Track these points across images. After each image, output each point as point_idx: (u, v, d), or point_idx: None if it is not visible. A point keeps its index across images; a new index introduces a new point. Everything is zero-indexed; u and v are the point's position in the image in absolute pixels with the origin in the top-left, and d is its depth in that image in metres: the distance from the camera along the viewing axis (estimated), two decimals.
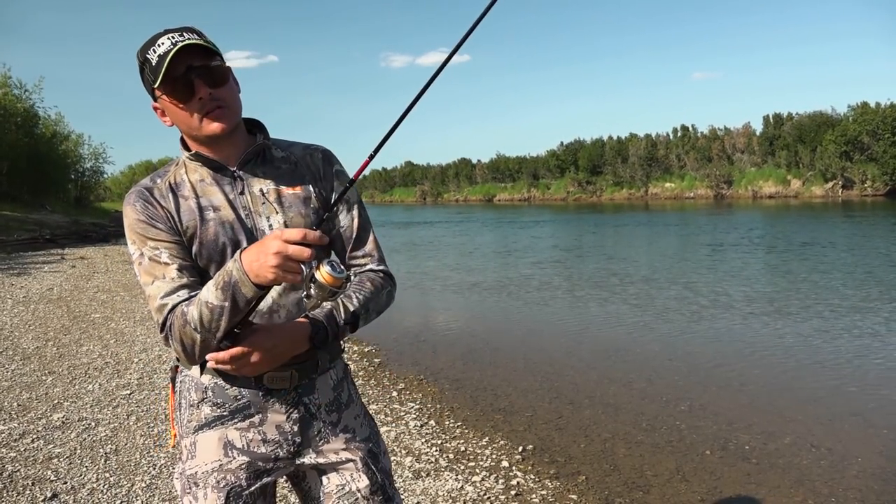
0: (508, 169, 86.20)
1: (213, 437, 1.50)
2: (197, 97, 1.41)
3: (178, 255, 1.43)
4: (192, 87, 1.40)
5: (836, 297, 9.67)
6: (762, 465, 4.08)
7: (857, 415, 4.96)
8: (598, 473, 4.01)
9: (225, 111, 1.44)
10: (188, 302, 1.37)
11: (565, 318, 9.06)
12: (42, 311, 9.36)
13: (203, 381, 1.52)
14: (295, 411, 1.53)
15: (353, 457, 1.58)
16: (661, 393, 5.55)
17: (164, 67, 1.36)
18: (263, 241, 1.28)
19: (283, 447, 1.53)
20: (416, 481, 3.76)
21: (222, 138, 1.46)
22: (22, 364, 6.36)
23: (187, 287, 1.40)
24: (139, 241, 1.43)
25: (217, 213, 1.47)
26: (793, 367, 6.29)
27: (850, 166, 52.95)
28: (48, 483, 3.65)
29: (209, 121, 1.43)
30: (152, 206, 1.45)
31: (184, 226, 1.46)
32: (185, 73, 1.39)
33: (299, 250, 1.24)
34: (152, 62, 1.39)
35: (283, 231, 1.26)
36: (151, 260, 1.41)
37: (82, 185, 42.93)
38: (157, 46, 1.39)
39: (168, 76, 1.38)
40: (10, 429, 4.53)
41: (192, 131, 1.45)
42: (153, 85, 1.41)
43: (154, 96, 1.46)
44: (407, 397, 5.53)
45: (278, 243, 1.24)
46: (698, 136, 69.69)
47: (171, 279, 1.40)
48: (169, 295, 1.39)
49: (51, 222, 26.57)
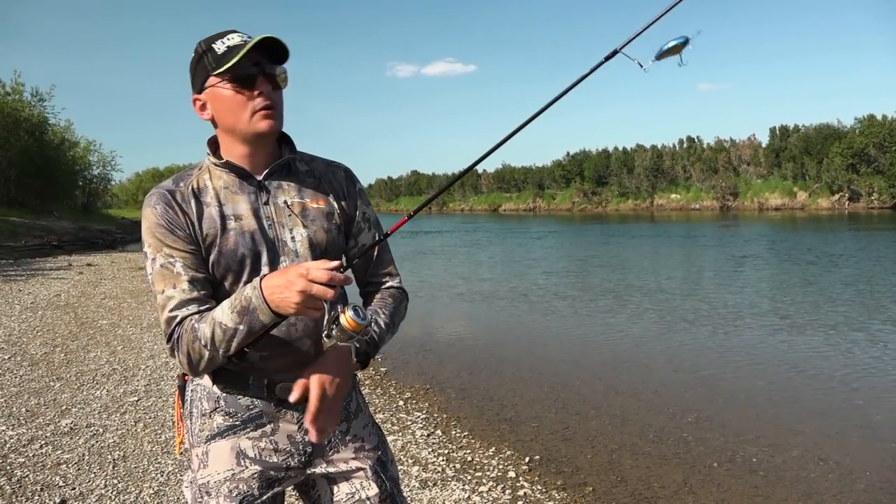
0: (514, 179, 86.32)
1: (226, 446, 1.51)
2: (257, 92, 1.43)
3: (191, 265, 1.42)
4: (254, 81, 1.42)
5: (844, 310, 9.64)
6: (770, 478, 4.06)
7: (865, 428, 4.94)
8: (605, 485, 4.00)
9: (274, 114, 1.46)
10: (199, 317, 1.37)
11: (572, 329, 9.05)
12: (50, 317, 9.40)
13: (215, 390, 1.52)
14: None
15: (362, 465, 1.59)
16: (667, 404, 5.54)
17: (239, 55, 1.38)
18: (287, 273, 1.29)
19: (295, 457, 1.53)
20: (423, 491, 3.76)
21: (265, 139, 1.48)
22: (30, 370, 6.39)
23: (197, 301, 1.40)
24: (155, 246, 1.42)
25: (239, 222, 1.47)
26: (800, 379, 6.27)
27: (857, 178, 52.85)
28: (57, 489, 3.66)
29: (260, 118, 1.44)
30: (173, 211, 1.44)
31: (203, 233, 1.45)
32: (253, 66, 1.41)
33: (323, 291, 1.25)
34: (217, 51, 1.41)
35: (308, 269, 1.26)
36: (164, 268, 1.41)
37: (90, 191, 43.17)
38: (228, 39, 1.42)
39: (237, 65, 1.39)
40: (19, 434, 4.55)
41: (239, 126, 1.45)
42: (212, 71, 1.42)
43: (201, 87, 1.46)
44: (413, 406, 5.53)
45: (303, 282, 1.25)
46: (704, 147, 69.70)
47: (182, 290, 1.40)
48: (178, 308, 1.39)
49: (58, 228, 26.72)
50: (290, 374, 1.47)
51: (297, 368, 1.47)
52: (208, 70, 1.43)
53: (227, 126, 1.48)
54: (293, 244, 1.49)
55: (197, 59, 1.46)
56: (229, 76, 1.42)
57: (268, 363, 1.48)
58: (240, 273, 1.46)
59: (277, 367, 1.49)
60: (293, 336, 1.48)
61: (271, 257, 1.47)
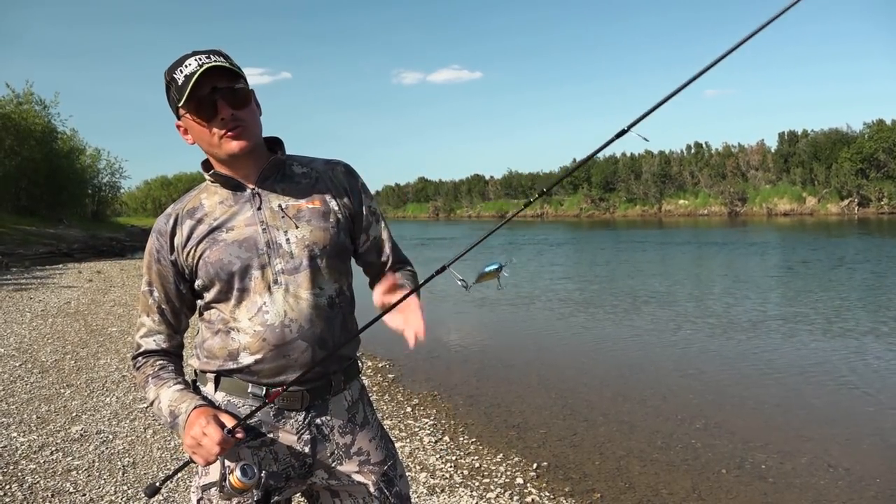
0: (521, 185, 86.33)
1: (227, 453, 1.53)
2: (219, 117, 1.45)
3: (164, 298, 1.56)
4: (215, 107, 1.45)
5: (854, 316, 9.59)
6: (779, 485, 4.04)
7: (875, 435, 4.91)
8: (613, 491, 3.99)
9: (244, 131, 1.48)
10: (155, 369, 1.55)
11: (579, 335, 9.04)
12: (60, 325, 9.46)
13: (217, 398, 1.55)
14: (307, 432, 1.53)
15: (365, 480, 1.58)
16: (676, 411, 5.52)
17: (190, 86, 1.41)
18: (195, 426, 1.40)
19: (295, 467, 1.54)
20: (431, 497, 3.76)
21: (240, 157, 1.50)
22: (41, 377, 6.44)
23: (161, 334, 1.58)
24: (146, 270, 1.59)
25: (230, 233, 1.51)
26: (809, 385, 6.24)
27: (866, 184, 52.63)
28: (67, 495, 3.69)
29: (228, 140, 1.47)
30: (163, 239, 1.55)
31: (189, 249, 1.52)
32: (209, 94, 1.44)
33: (199, 460, 1.40)
34: (178, 81, 1.44)
35: (207, 427, 1.38)
36: (144, 294, 1.58)
37: (99, 199, 43.46)
38: (185, 67, 1.44)
39: (193, 95, 1.43)
40: (30, 441, 4.58)
41: (213, 149, 1.50)
42: (178, 103, 1.46)
43: (178, 115, 1.51)
44: (421, 413, 5.54)
45: (190, 440, 1.39)
46: (712, 152, 69.56)
47: (153, 321, 1.57)
48: (146, 337, 1.58)
49: (68, 237, 26.90)
50: (286, 379, 1.49)
51: (292, 372, 1.49)
52: (177, 101, 1.47)
53: (205, 149, 1.54)
54: (288, 246, 1.51)
55: (166, 89, 1.50)
56: (192, 106, 1.46)
57: (263, 366, 1.49)
58: (229, 281, 1.50)
59: (273, 371, 1.50)
60: (288, 338, 1.49)
61: (263, 261, 1.50)
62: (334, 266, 1.55)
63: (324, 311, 1.52)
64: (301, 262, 1.50)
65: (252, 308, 1.49)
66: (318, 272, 1.52)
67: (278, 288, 1.49)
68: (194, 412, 1.43)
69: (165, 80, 1.48)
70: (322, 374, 1.53)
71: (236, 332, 1.50)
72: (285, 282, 1.49)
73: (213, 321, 1.54)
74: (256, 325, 1.48)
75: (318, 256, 1.52)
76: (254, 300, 1.49)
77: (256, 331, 1.48)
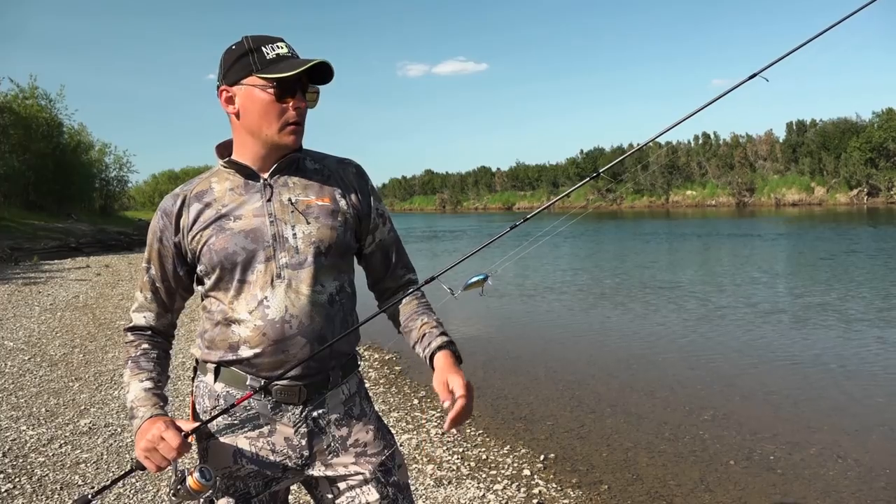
0: (528, 177, 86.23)
1: (224, 444, 1.53)
2: (292, 104, 1.46)
3: (160, 277, 1.57)
4: (294, 95, 1.46)
5: (863, 306, 9.53)
6: (787, 476, 4.02)
7: (885, 425, 4.88)
8: (620, 483, 3.98)
9: (301, 130, 1.51)
10: (139, 346, 1.59)
11: (586, 327, 9.02)
12: (68, 319, 9.51)
13: (216, 388, 1.55)
14: (303, 425, 1.54)
15: (362, 470, 1.58)
16: (683, 402, 5.50)
17: (297, 70, 1.42)
18: (151, 430, 1.40)
19: (292, 459, 1.55)
20: (438, 489, 3.76)
21: (283, 150, 1.52)
22: (49, 370, 6.47)
23: (151, 311, 1.60)
24: (147, 247, 1.61)
25: (238, 222, 1.49)
26: (818, 376, 6.21)
27: (876, 173, 52.26)
28: (76, 487, 3.71)
29: (289, 132, 1.49)
30: (167, 219, 1.54)
31: (195, 234, 1.51)
32: (296, 81, 1.46)
33: (150, 466, 1.40)
34: (266, 55, 1.45)
35: (165, 432, 1.38)
36: (142, 270, 1.61)
37: (107, 194, 43.56)
38: (278, 46, 1.47)
39: (288, 76, 1.43)
40: (39, 434, 4.61)
41: (266, 131, 1.48)
42: (256, 72, 1.44)
43: (235, 81, 1.47)
44: (428, 405, 5.54)
45: (145, 443, 1.39)
46: (720, 143, 69.20)
47: (145, 298, 1.60)
48: (136, 312, 1.61)
49: (76, 231, 27.00)
50: (284, 372, 1.49)
51: (290, 366, 1.49)
52: (251, 69, 1.45)
53: (251, 127, 1.50)
54: (294, 241, 1.50)
55: (241, 53, 1.47)
56: (275, 83, 1.45)
57: (262, 360, 1.49)
58: (232, 271, 1.49)
59: (271, 365, 1.50)
60: (287, 333, 1.48)
61: (268, 254, 1.49)
62: (337, 264, 1.55)
63: (324, 308, 1.52)
64: (306, 258, 1.50)
65: (252, 301, 1.48)
66: (321, 269, 1.51)
67: (281, 282, 1.48)
68: (149, 420, 1.44)
69: (244, 45, 1.47)
70: (320, 370, 1.53)
71: (237, 324, 1.49)
72: (288, 276, 1.48)
73: (214, 312, 1.54)
74: (257, 320, 1.48)
75: (323, 254, 1.51)
76: (254, 293, 1.48)
77: (257, 325, 1.47)
